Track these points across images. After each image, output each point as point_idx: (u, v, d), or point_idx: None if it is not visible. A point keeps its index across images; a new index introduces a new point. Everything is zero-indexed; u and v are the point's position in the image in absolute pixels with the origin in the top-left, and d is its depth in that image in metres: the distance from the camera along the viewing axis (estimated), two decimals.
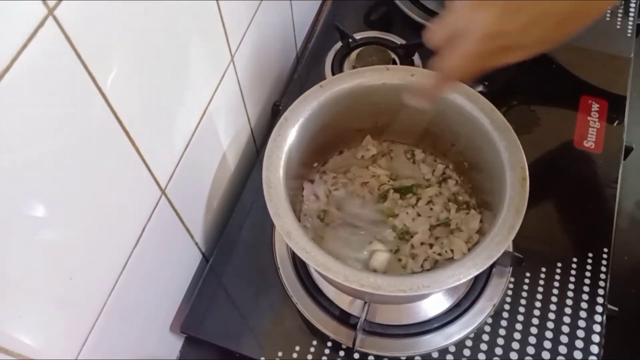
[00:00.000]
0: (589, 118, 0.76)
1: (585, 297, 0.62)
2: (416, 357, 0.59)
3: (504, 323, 0.61)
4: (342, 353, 0.60)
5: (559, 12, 0.37)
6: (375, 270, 0.60)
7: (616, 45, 0.84)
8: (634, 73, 0.81)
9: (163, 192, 0.54)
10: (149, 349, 0.60)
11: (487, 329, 0.61)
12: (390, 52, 0.80)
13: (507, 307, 0.62)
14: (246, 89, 0.70)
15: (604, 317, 0.61)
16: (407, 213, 0.64)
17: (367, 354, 0.60)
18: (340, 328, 0.61)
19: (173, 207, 0.57)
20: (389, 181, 0.66)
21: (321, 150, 0.67)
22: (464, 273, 0.48)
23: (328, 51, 0.83)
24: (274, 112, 0.82)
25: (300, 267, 0.65)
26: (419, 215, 0.64)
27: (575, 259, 0.65)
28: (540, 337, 0.60)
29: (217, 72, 0.61)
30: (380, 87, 0.61)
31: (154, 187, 0.53)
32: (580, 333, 0.60)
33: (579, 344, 0.59)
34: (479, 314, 0.61)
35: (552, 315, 0.61)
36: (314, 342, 0.61)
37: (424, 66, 0.80)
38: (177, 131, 0.55)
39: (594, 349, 0.59)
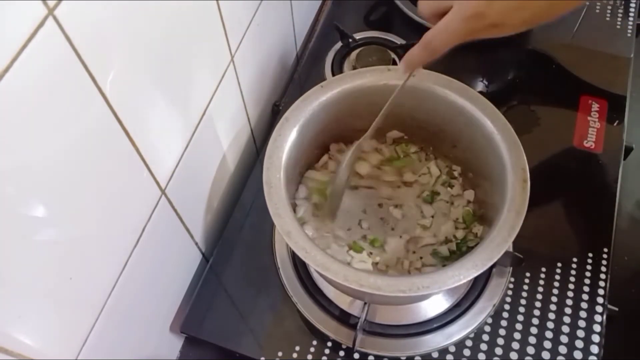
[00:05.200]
0: (589, 118, 0.76)
1: (585, 297, 0.62)
2: (416, 357, 0.59)
3: (504, 323, 0.61)
4: (342, 353, 0.60)
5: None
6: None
7: (616, 45, 0.84)
8: (634, 73, 0.81)
9: (163, 192, 0.54)
10: (149, 349, 0.60)
11: (487, 329, 0.61)
12: (390, 52, 0.80)
13: (507, 307, 0.62)
14: (246, 89, 0.70)
15: (604, 317, 0.61)
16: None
17: (367, 354, 0.60)
18: (340, 328, 0.61)
19: (173, 207, 0.57)
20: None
21: (322, 150, 0.67)
22: (464, 274, 0.48)
23: (328, 51, 0.83)
24: (274, 112, 0.82)
25: (300, 267, 0.65)
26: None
27: (575, 259, 0.65)
28: (540, 337, 0.60)
29: (217, 72, 0.61)
30: (381, 87, 0.60)
31: (154, 187, 0.53)
32: (580, 333, 0.60)
33: (579, 344, 0.59)
34: (479, 314, 0.61)
35: (552, 315, 0.61)
36: (314, 342, 0.61)
37: (424, 66, 0.79)
38: (177, 131, 0.55)
39: (594, 349, 0.59)
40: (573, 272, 0.64)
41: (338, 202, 0.63)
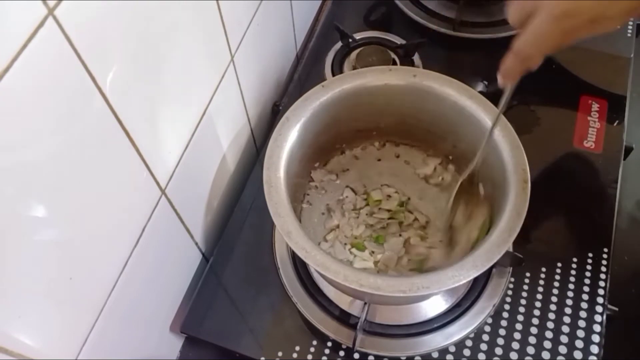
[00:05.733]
0: (589, 118, 0.76)
1: (585, 297, 0.62)
2: (416, 357, 0.59)
3: (504, 323, 0.61)
4: (342, 353, 0.60)
5: None
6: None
7: (616, 45, 0.84)
8: (634, 73, 0.81)
9: (163, 192, 0.54)
10: (149, 349, 0.60)
11: (487, 329, 0.61)
12: (390, 52, 0.80)
13: (507, 307, 0.62)
14: (246, 89, 0.70)
15: (604, 317, 0.61)
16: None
17: (367, 354, 0.60)
18: (340, 328, 0.61)
19: (173, 207, 0.57)
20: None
21: (322, 150, 0.67)
22: (463, 274, 0.48)
23: (328, 51, 0.83)
24: (274, 112, 0.82)
25: (300, 267, 0.65)
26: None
27: (575, 259, 0.65)
28: (540, 337, 0.60)
29: (217, 72, 0.61)
30: (382, 87, 0.60)
31: (154, 187, 0.53)
32: (580, 333, 0.60)
33: (579, 344, 0.59)
34: (479, 314, 0.61)
35: (552, 315, 0.61)
36: (314, 342, 0.61)
37: (424, 66, 0.80)
38: (177, 131, 0.55)
39: (594, 349, 0.59)
40: (573, 272, 0.64)
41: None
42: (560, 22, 0.38)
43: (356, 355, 0.60)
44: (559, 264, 0.64)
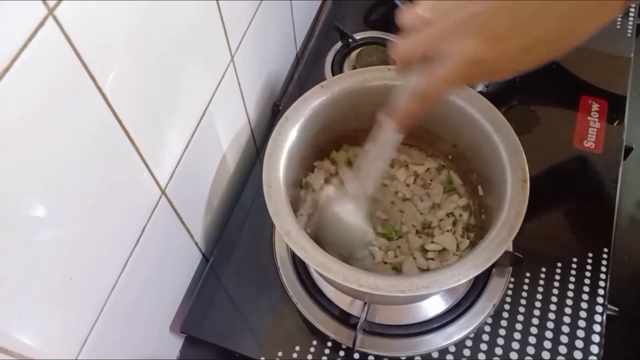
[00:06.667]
0: (589, 118, 0.76)
1: (585, 297, 0.62)
2: (416, 357, 0.59)
3: (504, 323, 0.61)
4: (342, 353, 0.60)
5: (549, 39, 0.35)
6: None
7: (616, 45, 0.84)
8: (634, 73, 0.81)
9: (163, 192, 0.54)
10: (149, 349, 0.60)
11: (487, 329, 0.61)
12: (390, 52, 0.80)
13: (507, 307, 0.62)
14: (246, 89, 0.70)
15: (604, 317, 0.61)
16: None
17: (367, 354, 0.60)
18: (340, 328, 0.61)
19: (173, 207, 0.57)
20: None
21: (322, 150, 0.67)
22: (463, 274, 0.48)
23: (328, 51, 0.83)
24: (274, 112, 0.82)
25: (300, 267, 0.65)
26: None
27: (575, 259, 0.65)
28: (540, 337, 0.60)
29: (217, 72, 0.61)
30: (381, 87, 0.60)
31: (154, 187, 0.53)
32: (580, 333, 0.60)
33: (579, 344, 0.59)
34: (479, 314, 0.61)
35: (552, 315, 0.61)
36: (314, 342, 0.61)
37: None
38: (177, 131, 0.55)
39: (594, 349, 0.59)
40: (573, 272, 0.64)
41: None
42: (469, 69, 0.36)
43: (356, 355, 0.60)
44: (559, 264, 0.64)
